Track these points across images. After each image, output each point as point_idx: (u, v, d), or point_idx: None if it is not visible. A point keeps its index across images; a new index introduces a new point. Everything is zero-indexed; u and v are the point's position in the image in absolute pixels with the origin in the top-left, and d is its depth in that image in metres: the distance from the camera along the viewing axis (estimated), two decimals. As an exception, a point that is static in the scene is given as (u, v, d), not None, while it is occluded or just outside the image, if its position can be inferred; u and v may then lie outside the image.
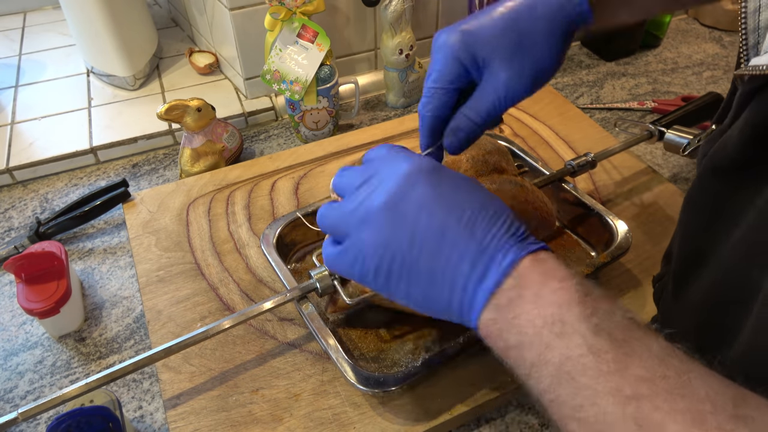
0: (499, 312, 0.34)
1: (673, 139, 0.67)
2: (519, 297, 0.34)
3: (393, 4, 0.79)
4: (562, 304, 0.32)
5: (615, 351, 0.30)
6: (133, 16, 0.89)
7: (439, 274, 0.36)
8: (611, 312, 0.32)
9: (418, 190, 0.37)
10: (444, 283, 0.36)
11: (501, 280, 0.34)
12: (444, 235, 0.36)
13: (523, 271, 0.34)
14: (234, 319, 0.49)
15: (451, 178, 0.38)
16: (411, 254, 0.37)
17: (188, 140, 0.74)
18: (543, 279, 0.34)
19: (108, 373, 0.44)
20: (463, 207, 0.36)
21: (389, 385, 0.46)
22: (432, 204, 0.36)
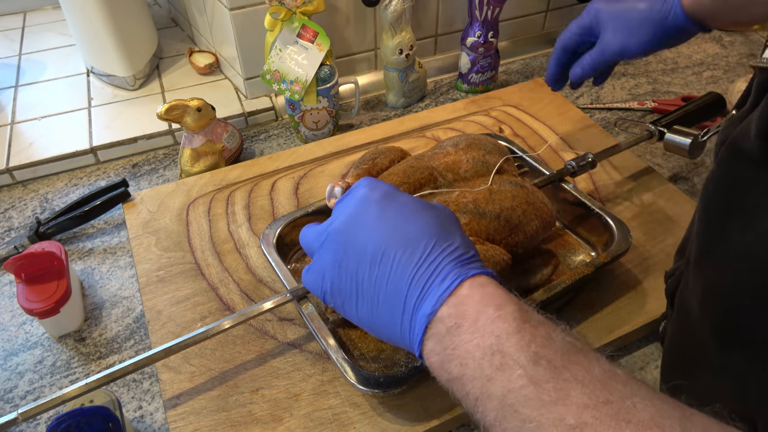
0: (439, 342, 0.34)
1: (673, 139, 0.67)
2: (457, 327, 0.33)
3: (393, 4, 0.79)
4: (501, 335, 0.32)
5: (555, 379, 0.30)
6: (133, 16, 0.89)
7: (383, 296, 0.37)
8: (549, 338, 0.32)
9: (366, 214, 0.39)
10: (388, 306, 0.37)
11: (438, 307, 0.34)
12: (384, 260, 0.37)
13: (461, 298, 0.34)
14: (234, 320, 0.49)
15: (400, 202, 0.39)
16: (359, 275, 0.38)
17: (188, 140, 0.74)
18: (481, 307, 0.33)
19: (108, 373, 0.44)
20: (405, 231, 0.37)
21: (389, 385, 0.46)
22: (378, 227, 0.38)
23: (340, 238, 0.39)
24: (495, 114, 0.84)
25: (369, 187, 0.41)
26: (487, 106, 0.85)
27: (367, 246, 0.38)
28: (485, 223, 0.50)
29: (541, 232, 0.54)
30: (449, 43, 0.97)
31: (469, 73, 0.91)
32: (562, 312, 0.56)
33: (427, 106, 0.92)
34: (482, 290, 0.34)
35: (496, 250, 0.49)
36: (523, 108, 0.85)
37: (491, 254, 0.48)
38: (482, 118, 0.83)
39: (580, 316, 0.56)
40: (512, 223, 0.51)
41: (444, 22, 0.94)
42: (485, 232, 0.50)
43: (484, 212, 0.51)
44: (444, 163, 0.55)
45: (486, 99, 0.87)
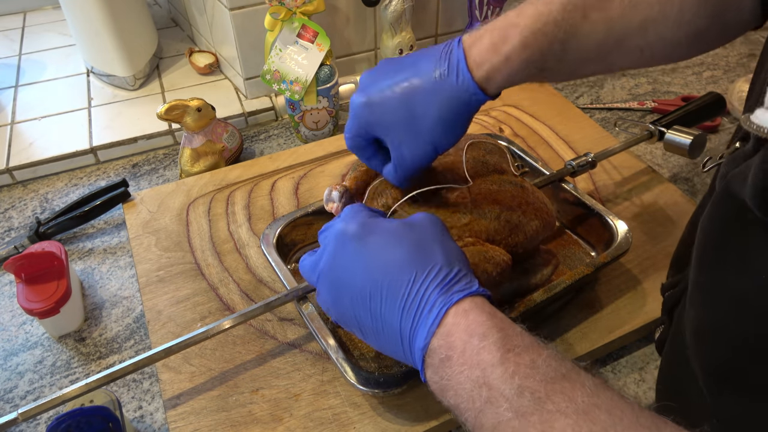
0: (435, 373, 0.36)
1: (673, 139, 0.67)
2: (448, 359, 0.35)
3: (393, 4, 0.79)
4: (486, 367, 0.33)
5: (540, 411, 0.31)
6: (133, 16, 0.89)
7: (382, 330, 0.38)
8: (533, 365, 0.33)
9: (346, 254, 0.40)
10: (389, 338, 0.38)
11: (429, 340, 0.36)
12: (375, 296, 0.38)
13: (448, 328, 0.35)
14: (234, 320, 0.49)
15: (375, 236, 0.40)
16: (355, 311, 0.39)
17: (188, 140, 0.74)
18: (467, 338, 0.35)
19: (108, 373, 0.44)
20: (387, 266, 0.38)
21: (389, 385, 0.46)
22: (358, 266, 0.39)
23: (328, 280, 0.41)
24: (495, 114, 0.84)
25: (345, 222, 0.41)
26: (487, 106, 0.85)
27: (354, 286, 0.39)
28: (485, 223, 0.50)
29: (541, 233, 0.54)
30: (449, 43, 0.97)
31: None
32: (562, 312, 0.56)
33: (427, 106, 0.91)
34: (466, 319, 0.35)
35: (496, 251, 0.49)
36: (523, 108, 0.85)
37: (491, 255, 0.48)
38: (482, 118, 0.83)
39: (580, 316, 0.56)
40: (512, 223, 0.51)
41: (444, 22, 0.94)
42: (485, 232, 0.50)
43: (484, 213, 0.51)
44: (444, 164, 0.55)
45: (486, 99, 0.87)
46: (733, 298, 0.35)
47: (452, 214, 0.50)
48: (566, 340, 0.54)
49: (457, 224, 0.50)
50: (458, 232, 0.49)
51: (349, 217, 0.42)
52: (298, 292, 0.51)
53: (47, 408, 0.43)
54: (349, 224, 0.41)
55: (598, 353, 0.55)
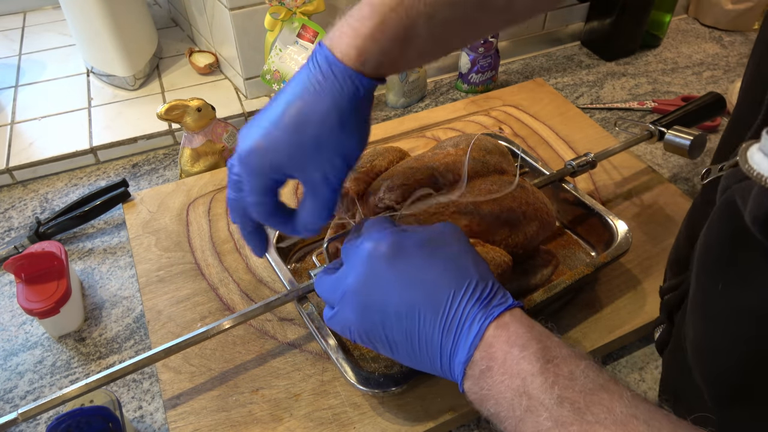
0: (475, 384, 0.36)
1: (673, 139, 0.67)
2: (489, 369, 0.35)
3: (393, 4, 0.79)
4: (526, 376, 0.34)
5: (580, 421, 0.31)
6: (133, 16, 0.89)
7: (419, 348, 0.38)
8: (572, 377, 0.33)
9: (378, 273, 0.39)
10: (425, 354, 0.38)
11: (471, 354, 0.36)
12: (410, 316, 0.38)
13: (489, 341, 0.36)
14: (234, 320, 0.49)
15: (408, 254, 0.39)
16: (386, 332, 0.39)
17: (188, 140, 0.74)
18: (508, 348, 0.35)
19: (108, 373, 0.44)
20: (421, 285, 0.38)
21: (389, 385, 0.46)
22: (394, 286, 0.38)
23: (357, 299, 0.39)
24: (495, 114, 0.84)
25: (375, 241, 0.40)
26: (487, 106, 0.85)
27: (388, 306, 0.38)
28: (485, 224, 0.50)
29: (541, 233, 0.54)
30: (449, 43, 0.97)
31: (469, 73, 0.91)
32: (562, 312, 0.56)
33: (427, 106, 0.92)
34: (506, 331, 0.36)
35: (496, 251, 0.49)
36: (523, 108, 0.85)
37: (492, 256, 0.48)
38: (482, 118, 0.83)
39: (580, 316, 0.56)
40: (512, 223, 0.51)
41: (444, 22, 0.94)
42: (485, 233, 0.50)
43: (485, 213, 0.50)
44: (444, 164, 0.55)
45: (486, 99, 0.87)
46: (733, 315, 0.35)
47: (452, 214, 0.50)
48: (566, 340, 0.54)
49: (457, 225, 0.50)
50: None
51: (376, 234, 0.41)
52: (297, 292, 0.51)
53: (47, 408, 0.43)
54: (380, 244, 0.40)
55: (598, 353, 0.55)
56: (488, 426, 0.51)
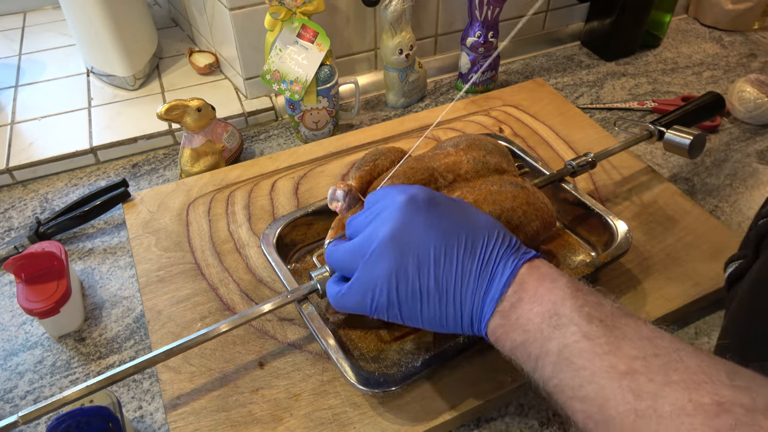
0: (504, 317, 0.38)
1: (672, 139, 0.67)
2: (519, 300, 0.37)
3: (393, 4, 0.79)
4: (557, 300, 0.36)
5: (607, 335, 0.33)
6: (133, 16, 0.89)
7: (448, 295, 0.39)
8: (600, 303, 0.36)
9: (417, 219, 0.40)
10: (454, 302, 0.39)
11: (505, 290, 0.38)
12: (448, 259, 0.39)
13: (521, 278, 0.38)
14: (233, 322, 0.48)
15: (445, 204, 0.42)
16: (420, 280, 0.40)
17: (188, 140, 0.74)
18: (539, 281, 0.38)
19: (109, 375, 0.44)
20: (460, 230, 0.40)
21: (389, 385, 0.46)
22: (432, 231, 0.40)
23: (394, 247, 0.40)
24: (495, 114, 0.84)
25: (407, 191, 0.42)
26: (487, 106, 0.85)
27: (428, 248, 0.39)
28: None
29: (542, 233, 0.54)
30: (449, 43, 0.97)
31: (469, 73, 0.91)
32: (562, 312, 0.56)
33: (427, 106, 0.92)
34: (539, 270, 0.38)
35: None
36: (523, 108, 0.85)
37: None
38: (482, 118, 0.83)
39: (580, 316, 0.56)
40: (513, 224, 0.51)
41: (444, 22, 0.94)
42: None
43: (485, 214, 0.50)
44: (445, 164, 0.55)
45: (486, 99, 0.87)
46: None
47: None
48: (566, 340, 0.54)
49: None
50: None
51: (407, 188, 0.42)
52: (298, 294, 0.51)
53: (48, 411, 0.43)
54: (417, 193, 0.41)
55: (598, 353, 0.55)
56: (488, 426, 0.51)
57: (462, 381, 0.51)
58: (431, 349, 0.53)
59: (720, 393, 0.28)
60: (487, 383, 0.50)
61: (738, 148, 0.82)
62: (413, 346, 0.53)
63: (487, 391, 0.50)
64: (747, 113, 0.85)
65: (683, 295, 0.58)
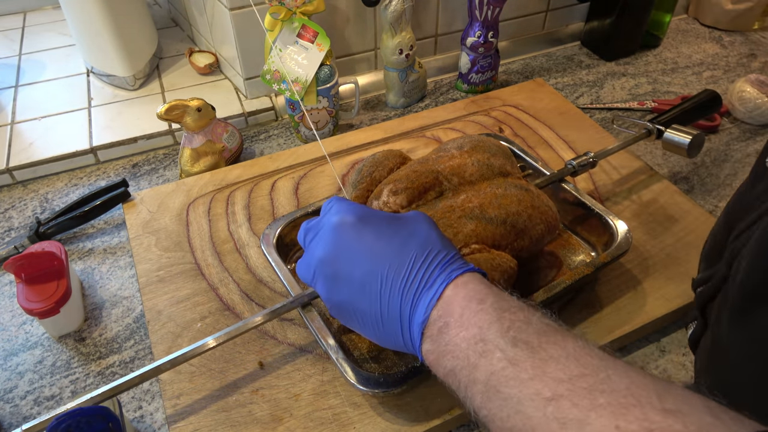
0: (433, 342, 0.37)
1: (671, 138, 0.68)
2: (446, 325, 0.36)
3: (393, 4, 0.79)
4: (482, 325, 0.34)
5: (533, 358, 0.32)
6: (133, 16, 0.89)
7: (383, 317, 0.39)
8: (527, 322, 0.34)
9: (346, 241, 0.40)
10: (389, 324, 0.39)
11: (429, 314, 0.37)
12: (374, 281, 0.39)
13: (447, 299, 0.37)
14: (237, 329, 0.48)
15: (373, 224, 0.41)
16: (353, 301, 0.40)
17: (188, 140, 0.74)
18: (465, 303, 0.36)
19: (113, 386, 0.43)
20: (387, 253, 0.39)
21: (389, 385, 0.46)
22: (359, 253, 0.40)
23: (325, 271, 0.41)
24: (495, 114, 0.83)
25: (340, 213, 0.42)
26: (487, 106, 0.85)
27: (353, 273, 0.40)
28: (491, 228, 0.50)
29: (546, 236, 0.54)
30: (449, 43, 0.97)
31: (469, 73, 0.91)
32: (562, 312, 0.56)
33: (427, 106, 0.92)
34: (465, 289, 0.37)
35: (503, 257, 0.49)
36: (523, 108, 0.85)
37: (498, 262, 0.48)
38: (482, 118, 0.83)
39: (580, 316, 0.56)
40: (518, 228, 0.51)
41: (444, 22, 0.94)
42: (491, 238, 0.50)
43: (491, 218, 0.50)
44: (449, 167, 0.55)
45: (486, 99, 0.87)
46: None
47: (458, 219, 0.50)
48: (566, 340, 0.54)
49: (463, 230, 0.50)
50: (464, 238, 0.49)
51: (343, 208, 0.42)
52: (303, 299, 0.50)
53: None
54: (346, 215, 0.42)
55: (598, 353, 0.55)
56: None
57: (462, 381, 0.50)
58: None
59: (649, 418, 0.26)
60: (487, 383, 0.50)
61: (738, 148, 0.82)
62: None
63: (487, 391, 0.50)
64: (747, 113, 0.85)
65: (683, 295, 0.58)
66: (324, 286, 0.42)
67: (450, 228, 0.50)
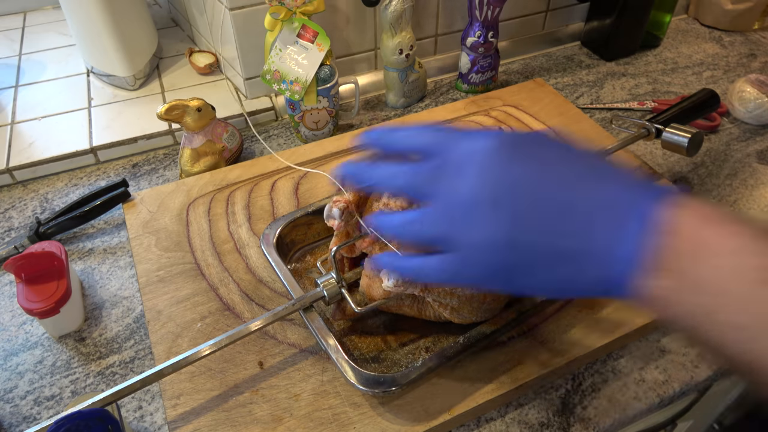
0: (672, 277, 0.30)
1: (671, 137, 0.68)
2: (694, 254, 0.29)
3: (393, 4, 0.79)
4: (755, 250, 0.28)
5: None
6: (133, 16, 0.89)
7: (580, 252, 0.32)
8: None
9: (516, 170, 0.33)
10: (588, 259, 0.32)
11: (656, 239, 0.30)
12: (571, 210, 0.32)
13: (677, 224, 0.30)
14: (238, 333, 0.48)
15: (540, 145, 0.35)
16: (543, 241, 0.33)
17: (188, 140, 0.74)
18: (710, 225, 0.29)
19: (114, 392, 0.44)
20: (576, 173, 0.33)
21: (389, 385, 0.46)
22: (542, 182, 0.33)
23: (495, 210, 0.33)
24: (495, 114, 0.84)
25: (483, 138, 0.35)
26: (487, 106, 0.85)
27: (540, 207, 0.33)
28: None
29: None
30: (449, 43, 0.97)
31: (469, 73, 0.91)
32: (562, 312, 0.56)
33: (427, 106, 0.92)
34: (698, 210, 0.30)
35: None
36: (523, 108, 0.85)
37: None
38: (482, 118, 0.83)
39: (580, 316, 0.56)
40: None
41: (444, 22, 0.94)
42: None
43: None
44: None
45: (486, 99, 0.87)
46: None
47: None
48: (566, 340, 0.54)
49: None
50: None
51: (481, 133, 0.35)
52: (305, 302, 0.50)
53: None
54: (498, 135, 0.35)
55: (598, 353, 0.55)
56: (488, 426, 0.51)
57: (462, 381, 0.51)
58: (431, 349, 0.53)
59: None
60: (486, 383, 0.50)
61: (738, 148, 0.82)
62: (413, 347, 0.53)
63: (487, 391, 0.50)
64: (747, 113, 0.85)
65: (683, 295, 0.57)
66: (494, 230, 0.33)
67: None
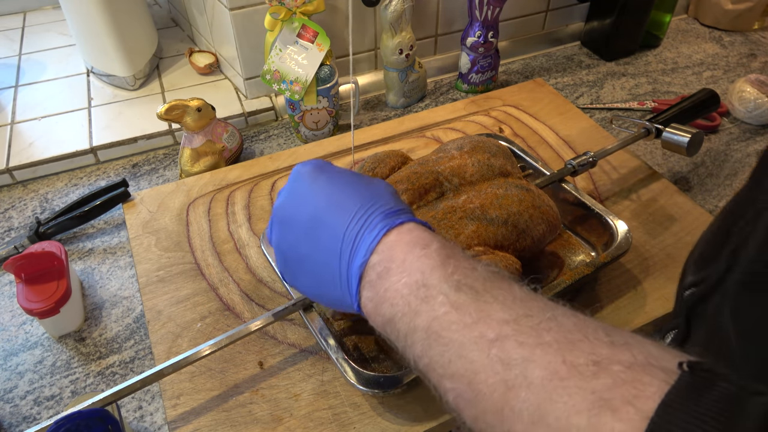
0: (372, 288, 0.35)
1: (670, 137, 0.67)
2: (387, 271, 0.34)
3: (393, 4, 0.79)
4: (425, 270, 0.33)
5: (476, 302, 0.31)
6: (133, 16, 0.89)
7: (323, 263, 0.38)
8: (472, 268, 0.33)
9: (300, 186, 0.40)
10: (326, 268, 0.38)
11: (368, 257, 0.35)
12: (319, 223, 0.38)
13: (389, 244, 0.35)
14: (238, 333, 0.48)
15: (332, 173, 0.41)
16: (298, 246, 0.39)
17: (188, 140, 0.74)
18: (408, 248, 0.34)
19: (114, 392, 0.44)
20: (338, 196, 0.38)
21: (389, 385, 0.46)
22: (309, 196, 0.39)
23: (279, 216, 0.41)
24: (495, 114, 0.83)
25: (302, 164, 0.42)
26: (487, 106, 0.85)
27: (301, 216, 0.39)
28: (493, 229, 0.50)
29: (548, 236, 0.54)
30: (449, 43, 0.97)
31: (469, 73, 0.91)
32: (562, 312, 0.56)
33: (427, 106, 0.92)
34: (409, 234, 0.35)
35: (508, 259, 0.49)
36: (523, 108, 0.85)
37: (503, 265, 0.48)
38: (482, 118, 0.83)
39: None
40: (519, 228, 0.51)
41: (444, 22, 0.94)
42: (493, 239, 0.50)
43: (492, 218, 0.50)
44: (449, 167, 0.55)
45: (486, 99, 0.87)
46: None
47: (459, 220, 0.50)
48: (566, 340, 0.54)
49: (465, 231, 0.50)
50: (466, 240, 0.49)
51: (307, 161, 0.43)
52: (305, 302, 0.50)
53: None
54: (306, 164, 0.42)
55: (598, 353, 0.55)
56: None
57: (462, 381, 0.50)
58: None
59: (596, 351, 0.26)
60: (487, 383, 0.50)
61: (738, 148, 0.82)
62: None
63: (487, 391, 0.50)
64: (747, 113, 0.85)
65: (683, 295, 0.58)
66: (275, 232, 0.42)
67: (451, 229, 0.50)
